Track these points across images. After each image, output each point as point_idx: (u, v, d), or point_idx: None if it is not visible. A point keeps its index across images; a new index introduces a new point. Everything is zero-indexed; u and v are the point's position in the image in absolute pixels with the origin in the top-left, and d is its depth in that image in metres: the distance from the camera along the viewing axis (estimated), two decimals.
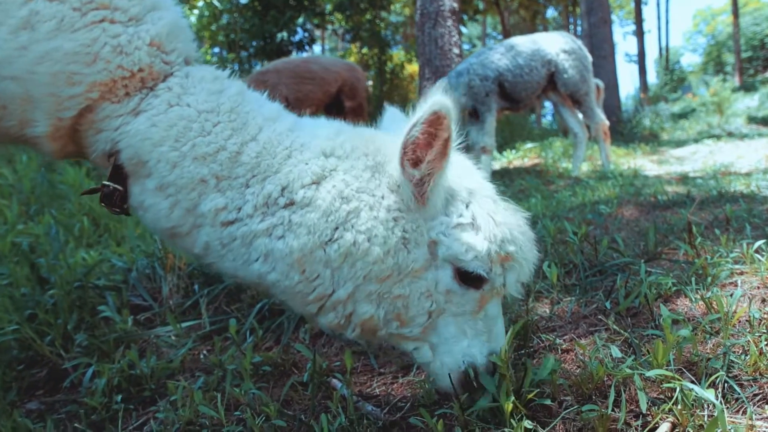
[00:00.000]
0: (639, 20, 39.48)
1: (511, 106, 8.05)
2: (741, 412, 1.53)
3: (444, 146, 1.58)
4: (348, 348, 2.08)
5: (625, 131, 15.51)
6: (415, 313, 1.69)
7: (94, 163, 1.82)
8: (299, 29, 18.65)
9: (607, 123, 8.26)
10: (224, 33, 18.57)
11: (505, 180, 7.92)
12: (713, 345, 1.87)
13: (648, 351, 1.78)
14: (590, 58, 8.14)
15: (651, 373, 1.53)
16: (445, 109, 1.53)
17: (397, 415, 1.90)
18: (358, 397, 2.06)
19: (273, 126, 1.77)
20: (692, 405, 1.50)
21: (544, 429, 1.58)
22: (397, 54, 25.20)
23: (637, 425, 1.53)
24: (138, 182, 1.72)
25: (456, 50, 10.06)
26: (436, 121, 1.54)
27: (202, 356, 2.75)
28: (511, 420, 1.51)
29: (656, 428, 1.49)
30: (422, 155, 1.60)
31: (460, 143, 1.68)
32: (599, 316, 2.35)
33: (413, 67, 21.92)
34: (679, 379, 1.51)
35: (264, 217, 1.66)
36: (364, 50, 22.14)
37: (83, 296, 3.27)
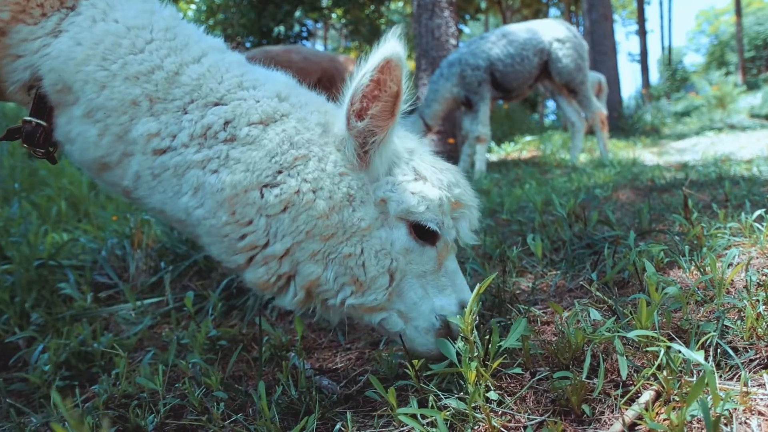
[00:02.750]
0: (641, 20, 39.19)
1: (503, 95, 7.85)
2: (735, 378, 1.34)
3: (393, 103, 1.51)
4: (300, 318, 1.89)
5: (626, 127, 15.29)
6: (375, 273, 1.58)
7: (14, 99, 1.65)
8: (296, 24, 18.45)
9: (605, 111, 8.05)
10: (221, 27, 18.40)
11: (501, 170, 7.73)
12: (706, 312, 1.68)
13: (632, 314, 1.59)
14: (586, 46, 7.91)
15: (632, 334, 1.34)
16: (396, 57, 1.44)
17: (353, 389, 1.72)
18: (315, 371, 1.88)
19: (222, 55, 1.64)
20: (679, 371, 1.32)
21: (511, 398, 1.39)
22: None
23: (617, 395, 1.34)
24: (64, 112, 1.56)
25: (453, 41, 9.86)
26: (386, 67, 1.45)
27: (163, 333, 2.58)
28: (474, 390, 1.32)
29: (638, 397, 1.31)
30: (367, 106, 1.52)
31: (409, 105, 1.58)
32: (585, 289, 2.16)
33: (413, 64, 21.70)
34: (663, 341, 1.32)
35: (200, 149, 1.52)
36: (365, 46, 21.96)
37: (44, 275, 3.10)
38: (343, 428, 1.42)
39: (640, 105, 20.03)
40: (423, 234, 1.61)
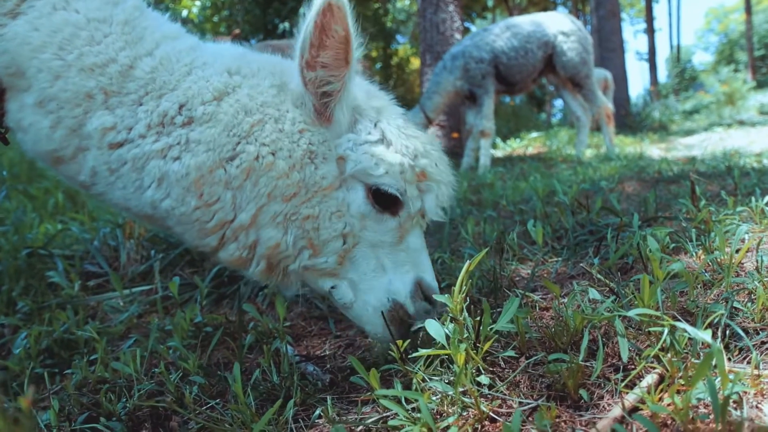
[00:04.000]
0: (650, 17, 38.91)
1: (506, 89, 7.72)
2: (746, 361, 1.24)
3: (344, 49, 1.46)
4: (280, 297, 1.82)
5: (634, 124, 15.11)
6: (328, 236, 1.54)
7: None
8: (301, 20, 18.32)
9: (610, 106, 7.92)
10: (226, 24, 18.34)
11: (506, 165, 7.61)
12: (714, 295, 1.58)
13: (633, 294, 1.48)
14: (591, 39, 7.78)
15: (633, 312, 1.23)
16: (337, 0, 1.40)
17: (339, 376, 1.63)
18: (302, 357, 1.80)
19: (173, 43, 1.59)
20: (685, 353, 1.22)
21: (502, 383, 1.30)
22: (404, 48, 24.86)
23: (617, 379, 1.25)
24: (16, 98, 1.50)
25: (458, 36, 9.76)
26: (327, 10, 1.40)
27: (150, 321, 2.50)
28: (460, 371, 1.22)
29: (640, 381, 1.21)
30: (317, 54, 1.48)
31: (362, 50, 1.54)
32: (587, 275, 2.06)
33: (419, 61, 21.59)
34: (667, 319, 1.22)
35: (158, 137, 1.48)
36: (371, 44, 21.83)
37: (33, 264, 3.03)
38: (323, 414, 1.33)
39: (648, 102, 19.82)
40: (383, 201, 1.57)
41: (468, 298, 1.41)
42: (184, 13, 16.03)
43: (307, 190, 1.51)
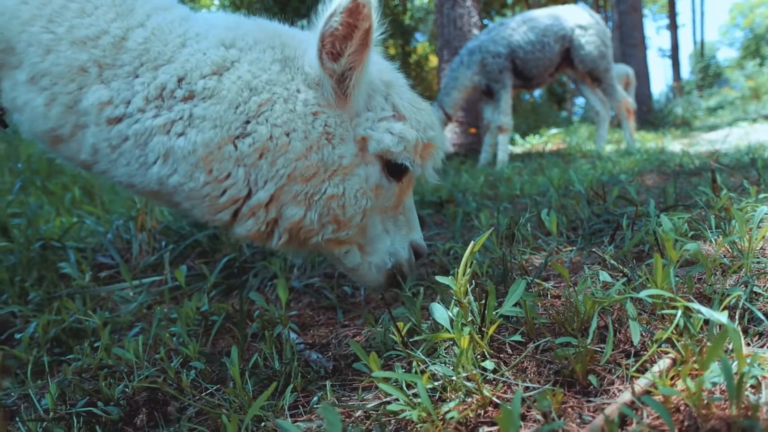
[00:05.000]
0: (672, 13, 38.30)
1: (523, 83, 7.62)
2: (766, 347, 1.18)
3: (365, 37, 1.47)
4: (282, 282, 1.80)
5: (656, 121, 14.87)
6: (353, 212, 1.62)
7: None
8: None
9: (630, 100, 7.77)
10: None
11: (524, 160, 7.51)
12: (733, 281, 1.51)
13: (646, 277, 1.42)
14: (609, 33, 7.63)
15: (644, 294, 1.17)
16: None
17: (343, 363, 1.59)
18: (307, 345, 1.76)
19: (164, 14, 1.57)
20: (699, 336, 1.16)
21: (508, 368, 1.25)
22: (422, 45, 24.73)
23: (628, 364, 1.19)
24: (8, 75, 1.48)
25: (475, 31, 9.66)
26: (355, 10, 1.42)
27: (156, 310, 2.48)
28: (461, 353, 1.17)
29: (652, 366, 1.15)
30: (342, 48, 1.49)
31: (381, 34, 1.55)
32: (601, 263, 2.00)
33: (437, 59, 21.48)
34: (680, 301, 1.16)
35: (159, 111, 1.46)
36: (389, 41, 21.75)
37: (46, 255, 3.04)
38: (322, 399, 1.29)
39: (671, 99, 19.49)
40: (394, 171, 1.67)
41: (473, 282, 1.36)
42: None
43: (326, 169, 1.54)
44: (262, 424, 1.21)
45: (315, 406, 1.29)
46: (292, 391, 1.34)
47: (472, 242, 1.31)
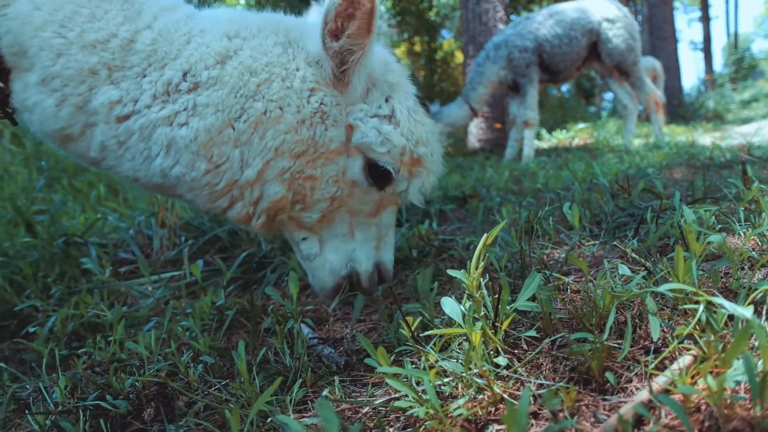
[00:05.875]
0: (705, 5, 37.44)
1: (550, 78, 7.48)
2: None
3: (368, 20, 1.48)
4: (293, 274, 1.79)
5: (687, 114, 14.54)
6: (320, 196, 1.62)
7: None
8: None
9: (659, 93, 7.59)
10: None
11: (550, 155, 7.39)
12: (762, 275, 1.44)
13: (668, 271, 1.36)
14: (637, 26, 7.46)
15: (664, 287, 1.11)
16: None
17: (355, 358, 1.56)
18: (320, 340, 1.74)
19: (170, 15, 1.59)
20: (723, 333, 1.10)
21: (520, 364, 1.20)
22: (448, 42, 24.59)
23: (647, 361, 1.14)
24: (20, 77, 1.51)
25: (501, 26, 9.55)
26: None
27: (171, 304, 2.49)
28: (470, 348, 1.13)
29: (672, 364, 1.09)
30: (343, 26, 1.50)
31: (387, 21, 1.48)
32: (623, 257, 1.93)
33: (461, 52, 21.36)
34: (702, 295, 1.10)
35: (164, 105, 1.49)
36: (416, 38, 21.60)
37: (68, 251, 3.08)
38: (330, 394, 1.26)
39: (703, 92, 19.06)
40: (376, 175, 1.65)
41: (488, 275, 1.32)
42: None
43: (315, 149, 1.55)
44: (268, 419, 1.18)
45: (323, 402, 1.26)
46: (301, 386, 1.32)
47: (485, 235, 1.27)
